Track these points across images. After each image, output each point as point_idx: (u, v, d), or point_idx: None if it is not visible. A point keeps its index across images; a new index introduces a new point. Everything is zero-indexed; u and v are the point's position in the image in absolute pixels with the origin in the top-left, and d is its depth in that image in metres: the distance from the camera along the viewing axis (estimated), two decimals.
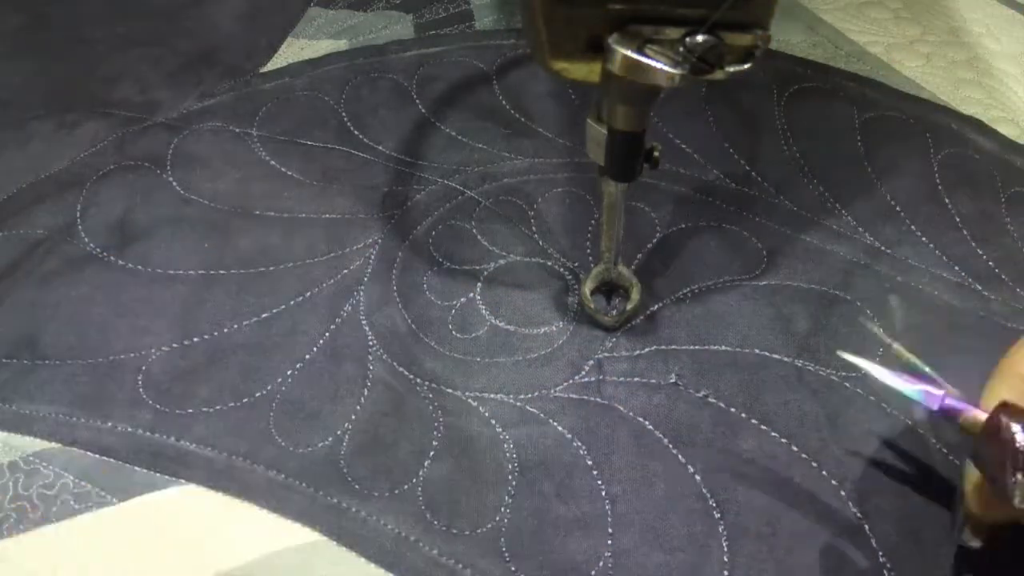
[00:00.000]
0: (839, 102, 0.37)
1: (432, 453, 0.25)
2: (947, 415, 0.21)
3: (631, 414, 0.26)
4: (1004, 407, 0.20)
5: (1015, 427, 0.19)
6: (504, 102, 0.38)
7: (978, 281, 0.30)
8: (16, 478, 0.26)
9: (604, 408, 0.26)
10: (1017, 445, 0.19)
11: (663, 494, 0.24)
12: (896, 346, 0.27)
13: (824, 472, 0.24)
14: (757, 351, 0.27)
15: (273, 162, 0.35)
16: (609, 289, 0.29)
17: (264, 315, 0.29)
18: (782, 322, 0.28)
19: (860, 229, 0.31)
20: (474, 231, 0.32)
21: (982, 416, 0.21)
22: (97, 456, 0.26)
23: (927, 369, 0.25)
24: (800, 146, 0.35)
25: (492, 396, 0.26)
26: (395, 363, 0.28)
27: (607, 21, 0.20)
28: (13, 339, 0.29)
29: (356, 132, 0.37)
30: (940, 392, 0.22)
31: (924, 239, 0.31)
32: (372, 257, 0.31)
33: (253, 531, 0.24)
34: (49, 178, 0.35)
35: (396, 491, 0.25)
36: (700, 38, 0.19)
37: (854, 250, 0.31)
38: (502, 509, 0.24)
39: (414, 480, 0.25)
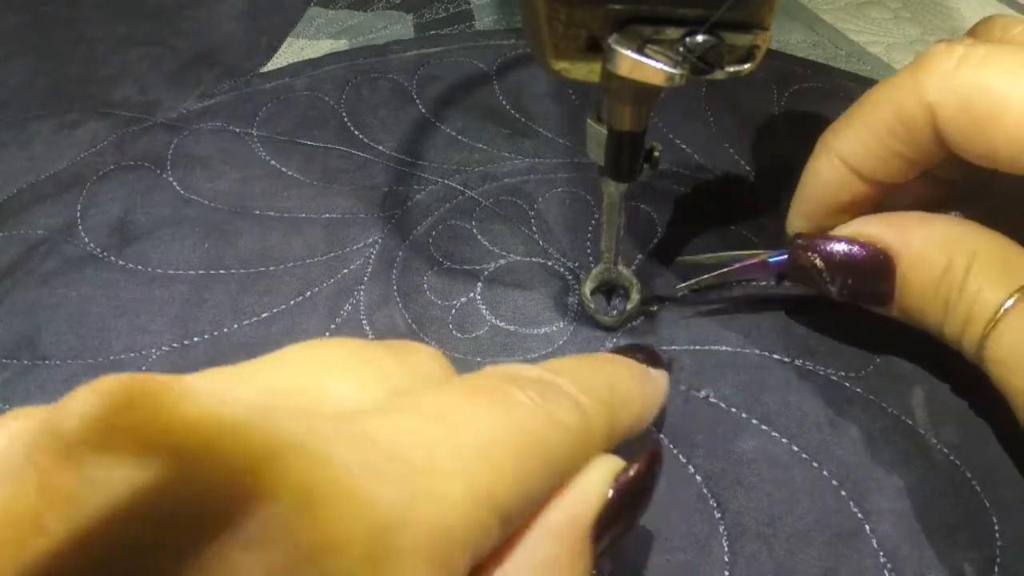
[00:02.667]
0: (839, 102, 0.37)
1: None
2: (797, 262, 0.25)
3: None
4: (796, 240, 0.25)
5: (812, 255, 0.24)
6: (504, 102, 0.38)
7: None
8: None
9: None
10: (819, 266, 0.24)
11: (663, 494, 0.24)
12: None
13: (824, 472, 0.24)
14: (757, 351, 0.27)
15: (273, 162, 0.35)
16: (609, 289, 0.29)
17: (264, 315, 0.29)
18: (782, 322, 0.28)
19: None
20: (474, 231, 0.32)
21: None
22: None
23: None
24: (801, 146, 0.35)
25: None
26: None
27: (607, 21, 0.20)
28: (13, 339, 0.29)
29: (356, 132, 0.37)
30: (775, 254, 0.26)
31: None
32: (372, 257, 0.31)
33: None
34: (49, 178, 0.35)
35: None
36: (700, 38, 0.19)
37: None
38: None
39: None
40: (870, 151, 0.23)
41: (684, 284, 0.27)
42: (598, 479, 0.16)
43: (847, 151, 0.23)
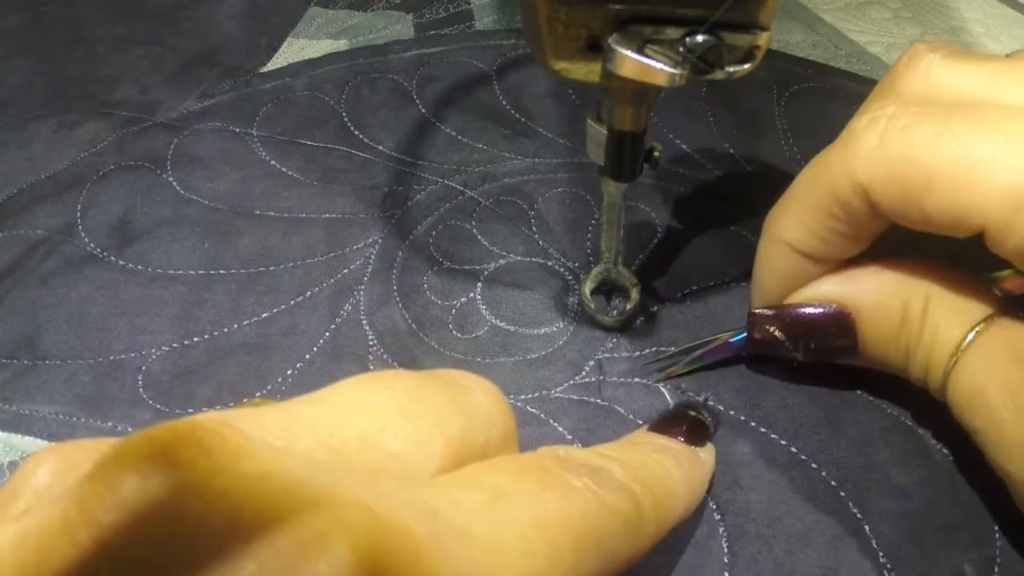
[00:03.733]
0: (839, 102, 0.37)
1: None
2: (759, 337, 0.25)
3: (631, 416, 0.26)
4: (753, 315, 0.25)
5: (770, 328, 0.24)
6: (504, 102, 0.38)
7: None
8: None
9: (605, 410, 0.26)
10: (779, 338, 0.24)
11: None
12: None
13: (824, 473, 0.24)
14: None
15: (273, 162, 0.35)
16: (609, 289, 0.29)
17: (264, 315, 0.29)
18: None
19: None
20: (474, 231, 0.32)
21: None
22: None
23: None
24: (800, 146, 0.35)
25: None
26: (395, 363, 0.28)
27: (607, 21, 0.20)
28: (13, 339, 0.29)
29: (356, 132, 0.37)
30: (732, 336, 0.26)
31: None
32: (372, 257, 0.31)
33: None
34: (49, 178, 0.35)
35: None
36: (700, 38, 0.19)
37: None
38: None
39: None
40: (813, 233, 0.23)
41: (656, 376, 0.27)
42: None
43: (790, 236, 0.23)
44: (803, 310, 0.24)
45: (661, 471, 0.19)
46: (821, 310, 0.24)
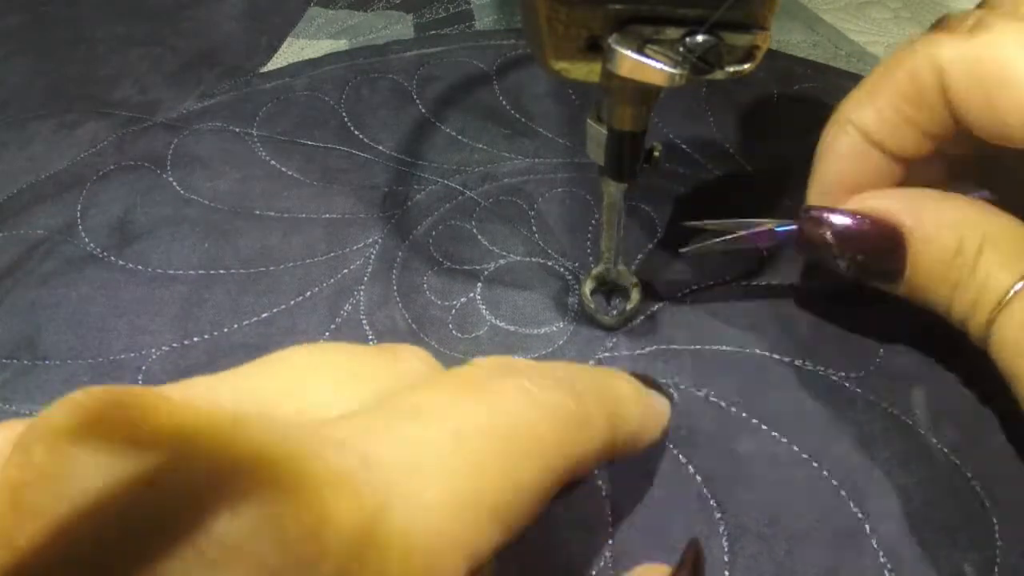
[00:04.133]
0: (839, 102, 0.37)
1: None
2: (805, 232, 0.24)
3: None
4: (807, 212, 0.24)
5: (821, 229, 0.24)
6: (504, 102, 0.38)
7: None
8: None
9: None
10: (828, 241, 0.23)
11: (663, 494, 0.24)
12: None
13: (824, 472, 0.24)
14: (758, 351, 0.27)
15: (273, 162, 0.35)
16: (609, 289, 0.29)
17: (264, 315, 0.29)
18: (782, 322, 0.28)
19: None
20: (474, 231, 0.32)
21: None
22: None
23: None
24: (800, 146, 0.35)
25: None
26: None
27: (607, 21, 0.20)
28: (13, 339, 0.29)
29: (356, 132, 0.37)
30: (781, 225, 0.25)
31: None
32: (372, 257, 0.31)
33: None
34: (49, 178, 0.35)
35: None
36: (700, 38, 0.19)
37: None
38: None
39: None
40: (884, 118, 0.22)
41: (687, 248, 0.26)
42: None
43: (862, 119, 0.23)
44: (857, 219, 0.23)
45: (609, 381, 0.18)
46: (875, 224, 0.23)
